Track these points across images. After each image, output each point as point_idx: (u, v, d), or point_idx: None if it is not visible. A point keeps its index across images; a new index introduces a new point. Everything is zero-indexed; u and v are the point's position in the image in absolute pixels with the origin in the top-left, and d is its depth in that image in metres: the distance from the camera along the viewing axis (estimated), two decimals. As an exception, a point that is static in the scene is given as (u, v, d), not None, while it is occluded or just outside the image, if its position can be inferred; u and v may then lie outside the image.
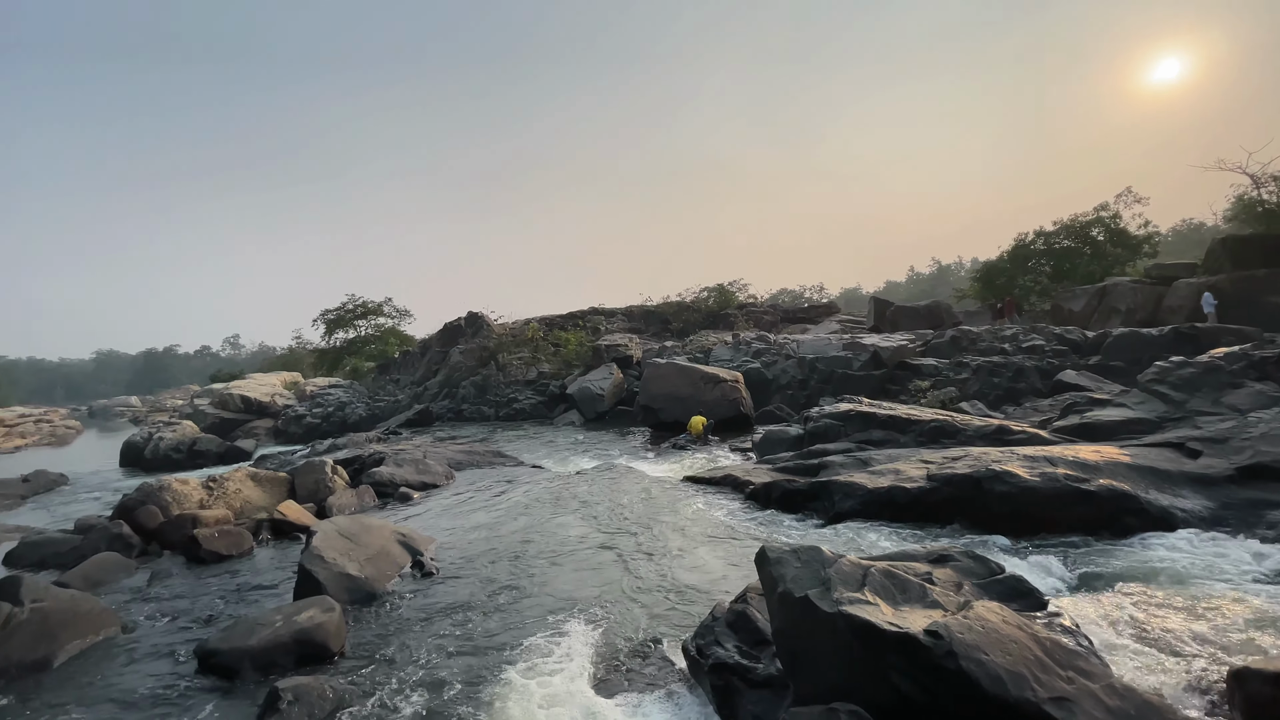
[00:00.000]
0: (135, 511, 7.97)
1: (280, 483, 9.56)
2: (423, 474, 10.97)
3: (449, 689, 3.93)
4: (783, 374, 20.04)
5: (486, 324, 35.30)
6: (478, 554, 6.69)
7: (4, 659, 4.42)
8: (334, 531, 6.10)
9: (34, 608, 4.81)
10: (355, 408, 29.54)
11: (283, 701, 3.60)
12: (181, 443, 23.30)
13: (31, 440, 39.48)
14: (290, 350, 61.09)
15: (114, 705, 4.01)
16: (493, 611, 5.11)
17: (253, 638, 4.38)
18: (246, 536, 7.42)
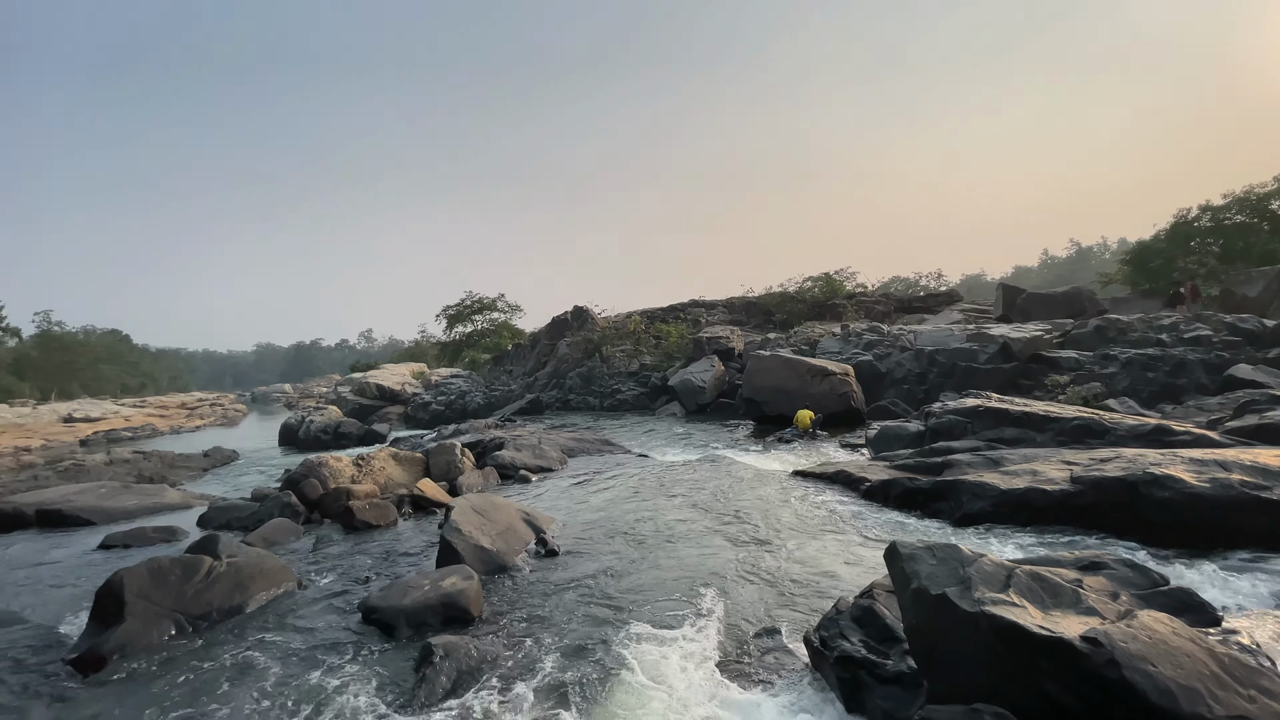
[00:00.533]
0: (300, 484, 9.10)
1: (417, 462, 10.50)
2: (539, 459, 11.59)
3: (578, 657, 4.19)
4: (897, 367, 19.02)
5: (591, 317, 36.38)
6: (595, 535, 7.01)
7: (208, 604, 5.25)
8: (468, 508, 6.64)
9: (229, 562, 5.67)
10: (474, 396, 31.60)
11: (436, 655, 4.02)
12: (328, 426, 26.08)
13: (208, 420, 45.84)
14: (416, 343, 66.42)
15: (297, 647, 4.64)
16: (614, 589, 5.35)
17: (406, 598, 4.91)
18: (391, 509, 8.24)
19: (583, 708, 3.61)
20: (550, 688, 3.84)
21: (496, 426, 19.85)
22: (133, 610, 4.84)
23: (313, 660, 4.41)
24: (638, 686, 3.81)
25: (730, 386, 22.65)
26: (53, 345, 61.84)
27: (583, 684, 3.85)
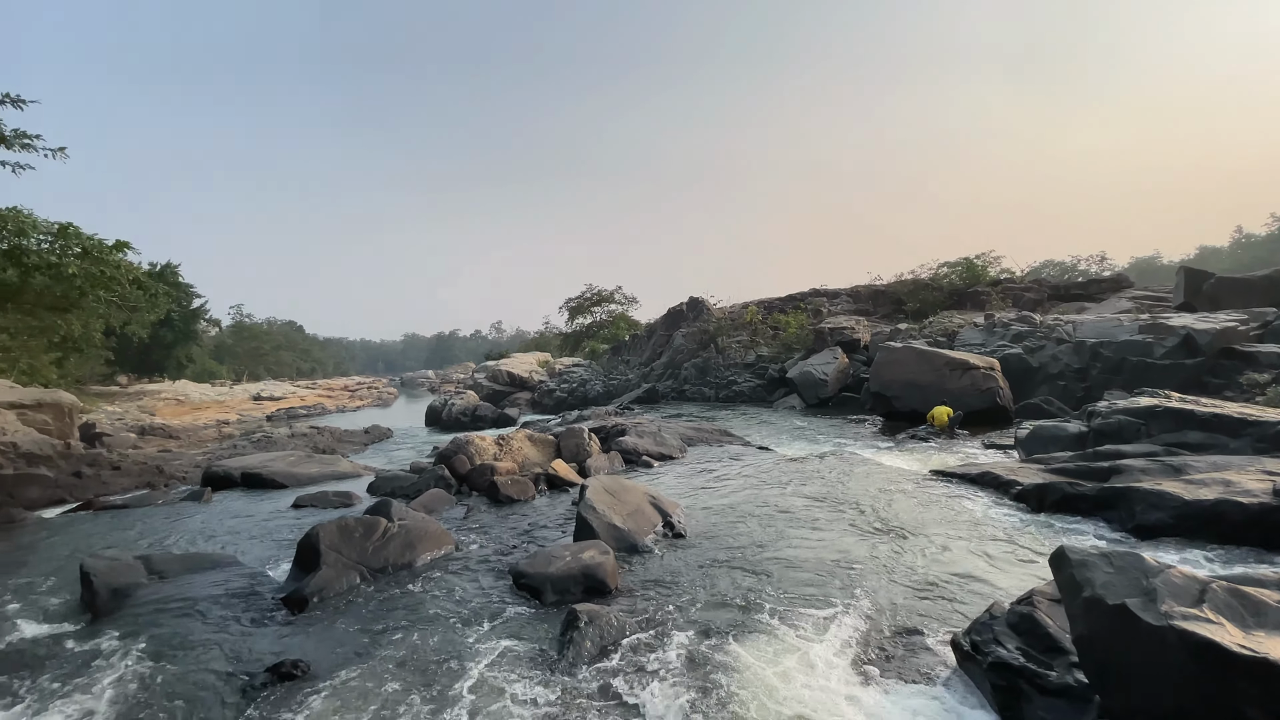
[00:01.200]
0: (451, 459, 10.05)
1: (549, 444, 11.18)
2: (660, 446, 11.88)
3: (712, 636, 4.31)
4: (1052, 361, 17.20)
5: (706, 308, 36.32)
6: (721, 522, 7.10)
7: (384, 559, 6.01)
8: (600, 488, 7.00)
9: (400, 524, 6.43)
10: (594, 384, 32.84)
11: (581, 621, 4.33)
12: (467, 409, 28.35)
13: (366, 401, 51.52)
14: (540, 334, 70.09)
15: (458, 602, 5.19)
16: (743, 576, 5.42)
17: (551, 567, 5.31)
18: (530, 486, 8.89)
19: (719, 685, 3.73)
20: (687, 662, 4.00)
21: (616, 414, 20.54)
22: (326, 560, 5.68)
23: (472, 614, 4.92)
24: (773, 671, 3.86)
25: (855, 380, 21.69)
26: (244, 334, 72.60)
27: (717, 663, 3.97)
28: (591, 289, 54.52)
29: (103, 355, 33.61)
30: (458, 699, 3.70)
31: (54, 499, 11.16)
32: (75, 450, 13.98)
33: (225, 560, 6.48)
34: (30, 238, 10.14)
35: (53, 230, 10.17)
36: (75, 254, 10.40)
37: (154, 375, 44.37)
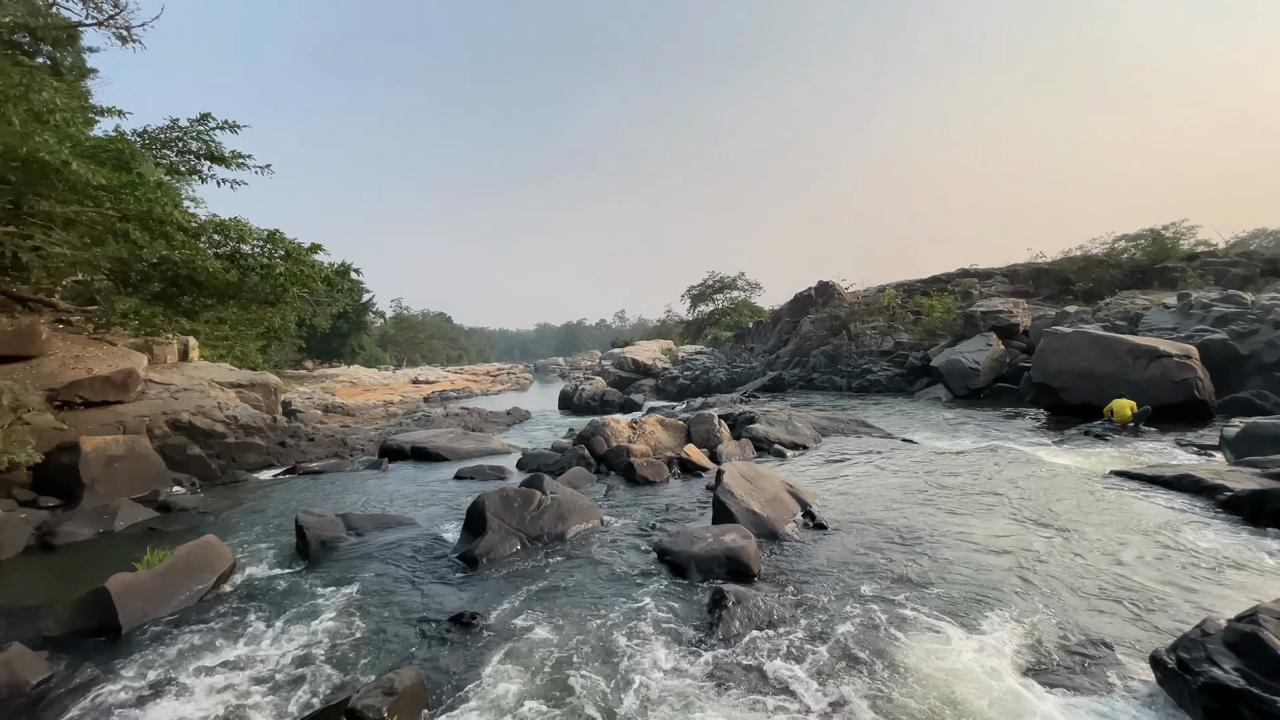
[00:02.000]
0: (590, 440, 10.59)
1: (680, 429, 11.40)
2: (792, 435, 11.64)
3: (863, 630, 4.22)
4: (1267, 348, 14.49)
5: (837, 293, 34.69)
6: (863, 515, 6.85)
7: (540, 528, 6.50)
8: (738, 474, 7.04)
9: (553, 497, 6.92)
10: (717, 372, 32.76)
11: (728, 600, 4.43)
12: (596, 394, 29.55)
13: (506, 386, 55.40)
14: (662, 322, 70.99)
15: (607, 571, 5.50)
16: (892, 571, 5.21)
17: (694, 546, 5.46)
18: (664, 469, 9.14)
19: (879, 677, 3.65)
20: (841, 652, 3.95)
21: (741, 401, 20.35)
22: (491, 526, 6.27)
23: (622, 583, 5.20)
24: (936, 669, 3.70)
25: (1012, 369, 19.70)
26: (403, 324, 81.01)
27: (875, 655, 3.89)
28: (714, 276, 54.23)
29: (295, 343, 39.28)
30: (616, 657, 3.96)
31: (265, 464, 13.29)
32: (280, 424, 16.52)
33: (406, 521, 7.38)
34: (248, 243, 12.11)
35: (263, 236, 12.05)
36: (280, 256, 12.24)
37: (333, 361, 51.07)
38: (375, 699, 3.12)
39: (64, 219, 10.62)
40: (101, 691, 3.82)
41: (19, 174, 9.57)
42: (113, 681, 3.94)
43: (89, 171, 9.38)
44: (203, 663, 4.18)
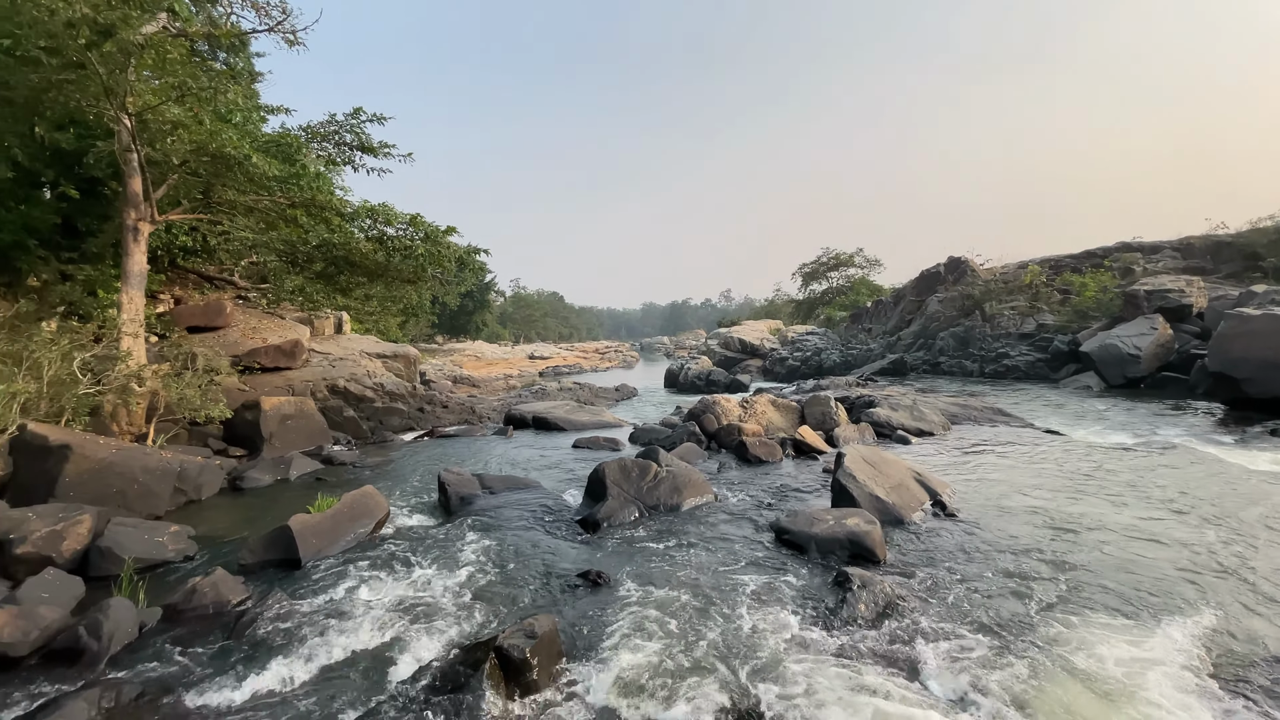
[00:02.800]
0: (700, 417, 10.64)
1: (793, 410, 11.13)
2: (918, 420, 10.97)
3: (995, 623, 3.94)
4: None
5: (971, 269, 31.94)
6: (1000, 508, 6.36)
7: (656, 499, 6.66)
8: (860, 457, 6.77)
9: (668, 470, 7.05)
10: (830, 354, 31.48)
11: (854, 583, 4.31)
12: (701, 373, 29.52)
13: (613, 363, 56.83)
14: (770, 301, 69.23)
15: (722, 545, 5.54)
16: (1033, 566, 4.81)
17: (814, 527, 5.36)
18: (777, 449, 9.00)
19: (1009, 672, 3.41)
20: (970, 643, 3.73)
21: (858, 385, 19.44)
22: (611, 493, 6.52)
23: (739, 557, 5.22)
24: (1075, 671, 3.40)
25: (1180, 356, 17.23)
26: (521, 302, 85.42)
27: (1006, 650, 3.63)
28: (828, 252, 51.81)
29: (429, 319, 42.75)
30: (740, 624, 4.00)
31: (407, 427, 14.66)
32: (418, 391, 18.13)
33: (532, 484, 7.86)
34: (393, 226, 13.29)
35: (406, 220, 13.17)
36: (420, 238, 13.32)
37: (460, 336, 55.04)
38: (518, 640, 3.39)
39: (244, 207, 12.19)
40: (287, 613, 4.46)
41: (209, 167, 11.09)
42: (296, 606, 4.58)
43: (265, 164, 10.67)
44: (366, 595, 4.74)
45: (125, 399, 9.20)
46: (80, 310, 11.41)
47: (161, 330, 13.59)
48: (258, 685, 3.58)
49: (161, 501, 7.18)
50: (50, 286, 11.57)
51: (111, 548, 5.44)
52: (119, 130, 9.93)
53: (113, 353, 9.65)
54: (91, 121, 11.23)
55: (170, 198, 11.99)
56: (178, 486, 7.55)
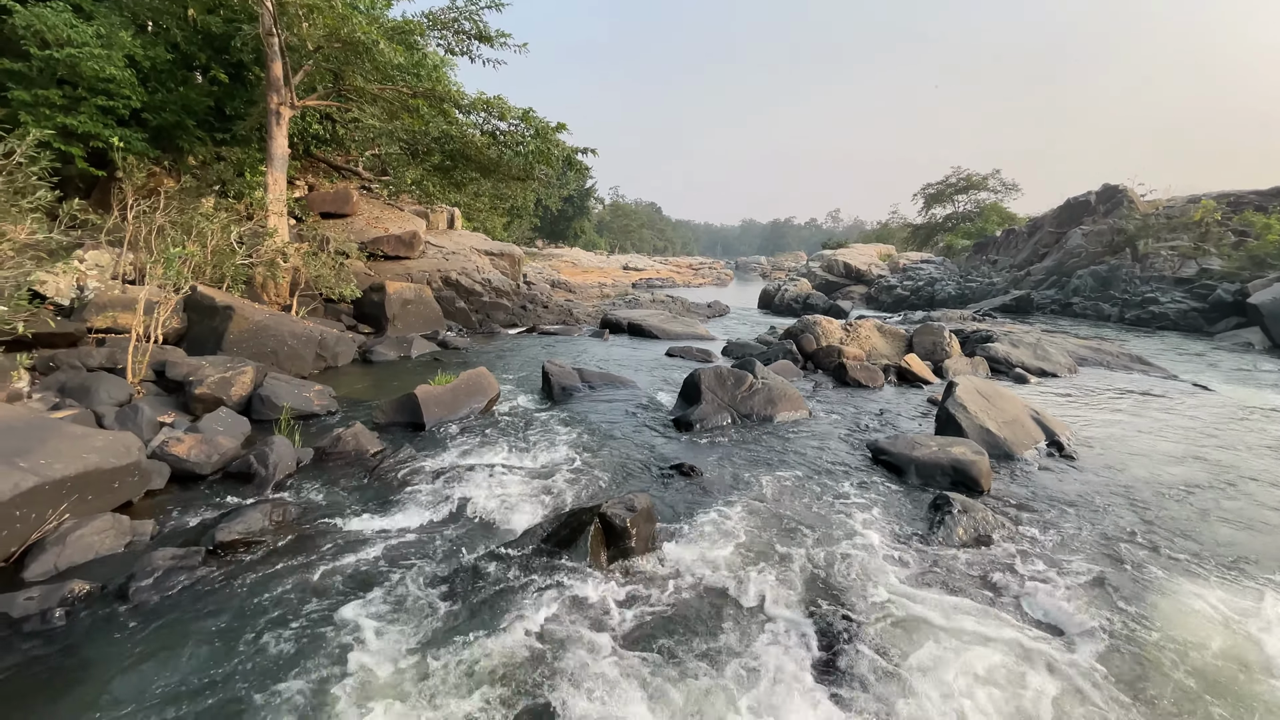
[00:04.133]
0: (799, 336, 10.38)
1: (901, 338, 10.59)
2: (1040, 359, 10.14)
3: (1103, 564, 3.74)
4: None
5: (1128, 200, 27.95)
6: (1125, 456, 5.88)
7: (750, 408, 6.70)
8: (973, 388, 6.40)
9: (763, 382, 7.02)
10: (945, 285, 29.29)
11: (954, 507, 4.21)
12: (799, 296, 28.51)
13: (707, 281, 56.01)
14: (883, 225, 64.51)
15: (817, 460, 5.54)
16: (1156, 516, 4.47)
17: (915, 451, 5.21)
18: (879, 375, 8.68)
19: (1111, 610, 3.25)
20: (1073, 578, 3.58)
21: (974, 319, 18.08)
22: (706, 398, 6.62)
23: (831, 472, 5.23)
24: (1190, 619, 3.19)
25: (1388, 317, 14.54)
26: (619, 212, 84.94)
27: (1113, 591, 3.46)
28: (959, 172, 46.80)
29: (531, 222, 43.63)
30: (829, 531, 4.06)
31: (510, 323, 15.42)
32: (521, 290, 18.88)
33: (628, 383, 8.13)
34: (505, 120, 13.37)
35: (519, 114, 13.19)
36: (530, 134, 13.34)
37: (558, 242, 55.99)
38: (620, 510, 3.64)
39: (371, 95, 12.63)
40: (416, 467, 5.00)
41: (340, 54, 11.47)
42: (422, 462, 5.12)
43: (391, 51, 10.88)
44: (482, 460, 5.21)
45: (273, 272, 10.23)
46: (231, 190, 12.57)
47: (299, 214, 14.78)
48: (391, 521, 4.11)
49: (306, 364, 8.11)
50: (207, 166, 12.76)
51: (270, 397, 6.25)
52: (261, 14, 10.40)
53: (261, 229, 10.66)
54: (237, 5, 11.80)
55: (306, 84, 12.60)
56: (319, 353, 8.46)
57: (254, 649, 2.73)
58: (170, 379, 6.39)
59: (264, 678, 2.56)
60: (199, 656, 2.67)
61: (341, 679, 2.57)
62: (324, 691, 2.49)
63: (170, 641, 2.76)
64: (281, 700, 2.45)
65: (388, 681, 2.58)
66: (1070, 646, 3.00)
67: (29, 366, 6.00)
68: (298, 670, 2.61)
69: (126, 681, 2.52)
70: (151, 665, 2.61)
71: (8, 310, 5.85)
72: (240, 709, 2.40)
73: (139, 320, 6.51)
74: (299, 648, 2.74)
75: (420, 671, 2.64)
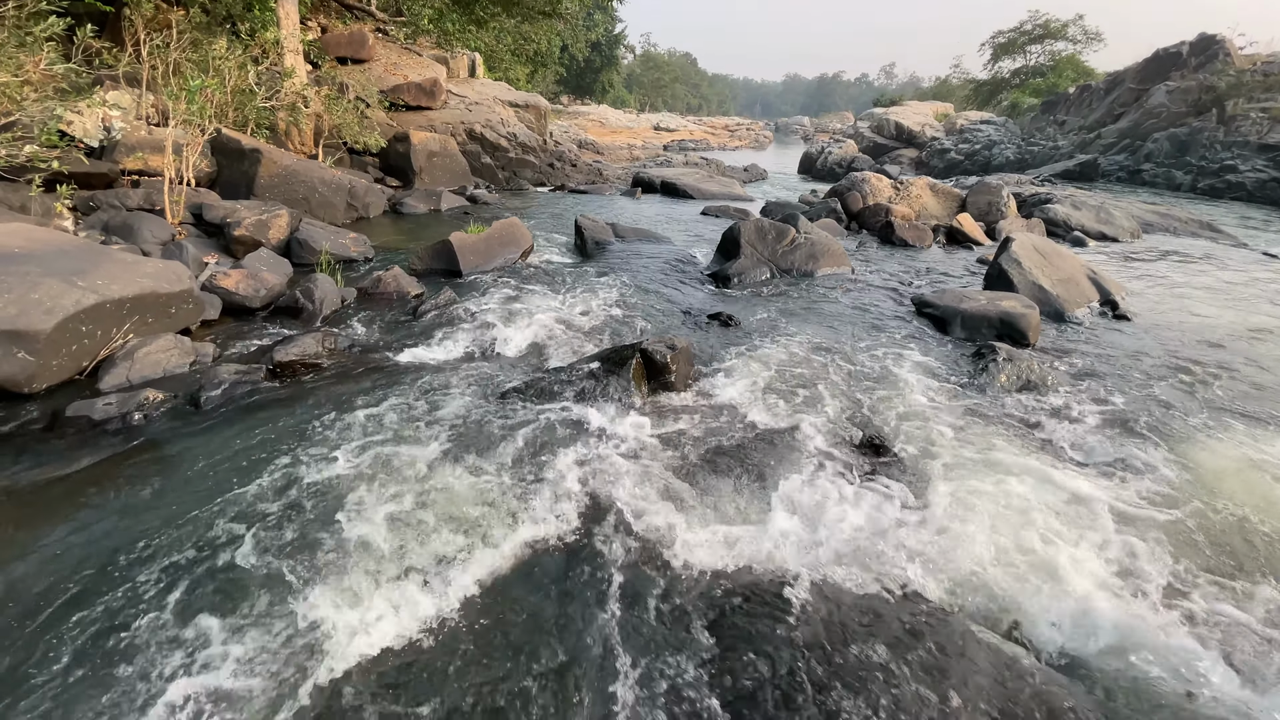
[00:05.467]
0: (844, 195, 9.83)
1: (954, 198, 9.96)
2: (1102, 223, 9.51)
3: (1148, 416, 3.71)
4: None
5: (1226, 52, 24.60)
6: (1181, 319, 5.65)
7: (790, 263, 6.51)
8: (1029, 244, 6.07)
9: (806, 236, 6.75)
10: (1003, 149, 27.09)
11: (999, 355, 4.14)
12: (843, 159, 26.74)
13: (744, 143, 52.69)
14: (942, 81, 58.63)
15: (858, 314, 5.44)
16: (1208, 376, 4.36)
17: (962, 304, 5.06)
18: (928, 234, 8.27)
19: (1150, 457, 3.26)
20: (1116, 428, 3.56)
21: (1033, 185, 16.86)
22: (744, 252, 6.43)
23: (872, 326, 5.14)
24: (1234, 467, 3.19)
25: None
26: (650, 64, 78.24)
27: (1155, 440, 3.45)
28: (1034, 18, 41.30)
29: (556, 72, 40.56)
30: (868, 378, 4.07)
31: (538, 181, 14.87)
32: (548, 146, 17.99)
33: (663, 239, 7.92)
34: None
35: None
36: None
37: (584, 98, 52.39)
38: (660, 348, 3.66)
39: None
40: (456, 310, 5.05)
41: None
42: (463, 305, 5.16)
43: None
44: (519, 306, 5.23)
45: (295, 118, 9.83)
46: (243, 29, 11.74)
47: (314, 58, 13.90)
48: (436, 354, 4.22)
49: (338, 212, 8.02)
50: (214, 0, 11.85)
51: (308, 241, 6.25)
52: None
53: (277, 70, 10.09)
54: None
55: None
56: (349, 202, 8.33)
57: (321, 453, 2.92)
58: (208, 221, 6.40)
59: (335, 475, 2.76)
60: (270, 455, 2.87)
61: (403, 481, 2.75)
62: (392, 483, 2.69)
63: (243, 443, 2.97)
64: (353, 490, 2.65)
65: (451, 485, 2.76)
66: (1104, 480, 3.05)
67: (70, 206, 6.04)
68: (362, 472, 2.80)
69: (206, 474, 2.75)
70: (228, 461, 2.83)
71: (40, 148, 5.77)
72: (320, 499, 2.61)
73: (169, 162, 6.39)
74: (362, 454, 2.93)
75: (479, 474, 2.82)
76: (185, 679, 1.82)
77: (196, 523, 2.44)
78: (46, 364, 3.27)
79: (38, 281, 3.34)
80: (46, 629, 1.96)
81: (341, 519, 2.48)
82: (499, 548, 2.41)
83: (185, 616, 2.02)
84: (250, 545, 2.33)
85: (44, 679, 1.80)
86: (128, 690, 1.78)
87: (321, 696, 1.80)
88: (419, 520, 2.51)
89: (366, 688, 1.83)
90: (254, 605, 2.08)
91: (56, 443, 2.94)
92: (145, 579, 2.17)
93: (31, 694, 1.76)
